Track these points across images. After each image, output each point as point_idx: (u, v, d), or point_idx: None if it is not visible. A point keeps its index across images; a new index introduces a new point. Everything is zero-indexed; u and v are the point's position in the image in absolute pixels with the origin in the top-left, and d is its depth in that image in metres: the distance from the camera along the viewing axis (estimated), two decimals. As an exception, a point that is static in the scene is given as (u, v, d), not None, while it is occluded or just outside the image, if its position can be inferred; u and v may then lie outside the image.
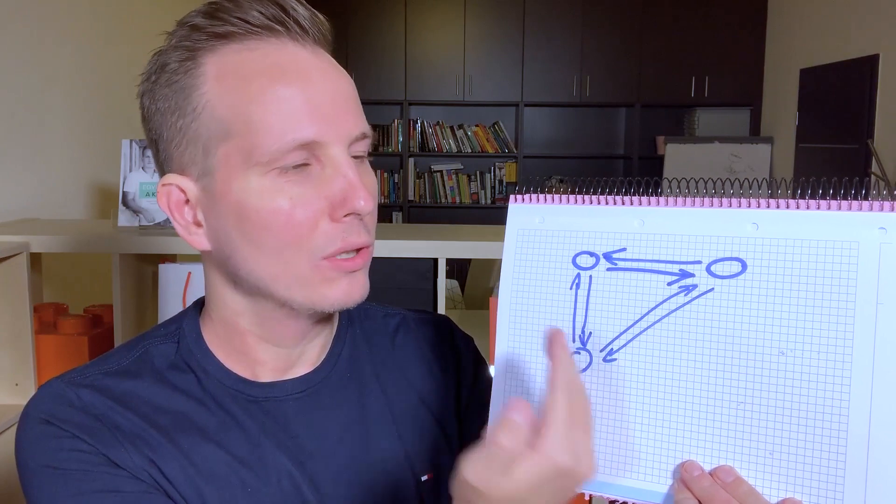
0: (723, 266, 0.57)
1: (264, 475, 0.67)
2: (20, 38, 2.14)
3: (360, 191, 0.62)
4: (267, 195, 0.62)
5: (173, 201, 0.66)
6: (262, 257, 0.63)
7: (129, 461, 0.63)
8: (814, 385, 0.54)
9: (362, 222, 0.65)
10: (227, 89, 0.62)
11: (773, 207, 0.56)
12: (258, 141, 0.61)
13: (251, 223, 0.62)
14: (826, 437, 0.53)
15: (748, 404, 0.56)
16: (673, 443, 0.58)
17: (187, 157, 0.64)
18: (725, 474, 0.55)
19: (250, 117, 0.61)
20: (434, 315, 0.85)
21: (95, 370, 0.69)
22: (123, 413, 0.65)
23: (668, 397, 0.58)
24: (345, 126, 0.63)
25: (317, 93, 0.62)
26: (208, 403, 0.68)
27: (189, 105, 0.63)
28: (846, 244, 0.54)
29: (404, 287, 1.85)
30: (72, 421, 0.64)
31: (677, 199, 0.60)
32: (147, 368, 0.69)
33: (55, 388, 0.66)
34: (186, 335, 0.72)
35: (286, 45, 0.63)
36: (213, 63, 0.63)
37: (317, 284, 0.64)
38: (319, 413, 0.71)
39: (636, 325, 0.59)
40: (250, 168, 0.62)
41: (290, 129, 0.61)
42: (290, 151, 0.61)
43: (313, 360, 0.73)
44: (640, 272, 0.60)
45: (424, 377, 0.78)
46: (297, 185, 0.62)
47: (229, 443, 0.67)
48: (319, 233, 0.63)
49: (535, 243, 0.64)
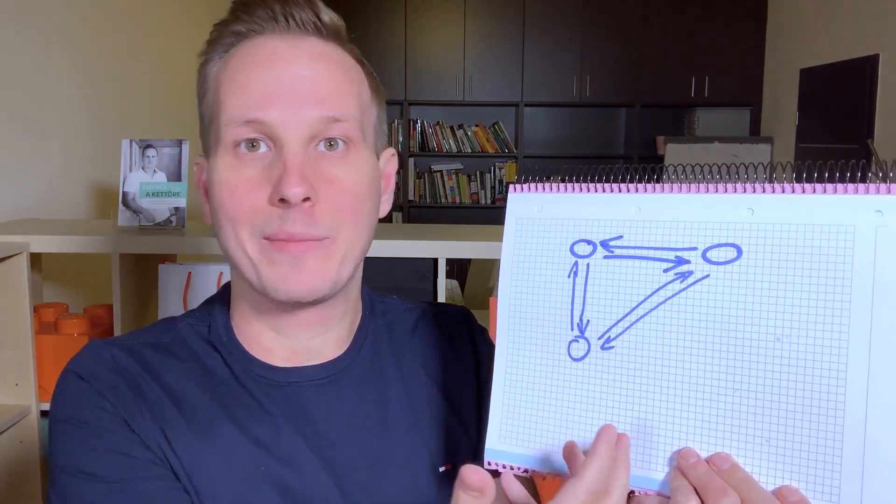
0: (718, 252, 0.57)
1: (280, 457, 0.68)
2: (20, 37, 2.14)
3: (292, 177, 0.63)
4: (223, 171, 0.67)
5: (201, 181, 0.74)
6: (222, 233, 0.68)
7: (144, 428, 0.66)
8: (810, 371, 0.53)
9: (304, 212, 0.64)
10: (218, 79, 0.69)
11: (769, 192, 0.56)
12: (221, 121, 0.67)
13: (214, 200, 0.68)
14: (822, 423, 0.53)
15: (744, 391, 0.55)
16: (669, 430, 0.57)
17: (204, 139, 0.72)
18: (721, 461, 0.55)
19: (221, 101, 0.67)
20: (453, 307, 0.87)
21: (136, 339, 0.73)
22: (150, 383, 0.69)
23: (665, 384, 0.58)
24: (303, 110, 0.65)
25: (280, 77, 0.66)
26: (234, 386, 0.71)
27: (201, 92, 0.71)
28: (842, 228, 0.53)
29: (404, 287, 1.85)
30: (102, 379, 0.68)
31: (673, 186, 0.59)
32: (183, 347, 0.73)
33: (95, 347, 0.71)
34: (217, 319, 0.75)
35: (269, 40, 0.68)
36: (224, 58, 0.70)
37: (264, 266, 0.66)
38: (340, 401, 0.72)
39: (633, 312, 0.59)
40: (217, 148, 0.68)
41: (242, 105, 0.66)
42: (237, 126, 0.65)
43: (335, 349, 0.75)
44: (637, 259, 0.59)
45: (443, 369, 0.79)
46: (250, 166, 0.66)
47: (251, 425, 0.69)
48: (259, 212, 0.65)
49: (534, 232, 0.64)
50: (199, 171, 0.74)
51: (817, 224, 0.54)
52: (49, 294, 2.16)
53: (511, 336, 0.64)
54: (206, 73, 0.71)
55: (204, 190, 0.73)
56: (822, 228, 0.54)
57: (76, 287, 2.31)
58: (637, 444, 0.58)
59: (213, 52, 0.70)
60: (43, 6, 2.25)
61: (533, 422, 0.62)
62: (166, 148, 1.88)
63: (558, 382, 0.62)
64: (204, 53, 0.71)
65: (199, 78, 0.71)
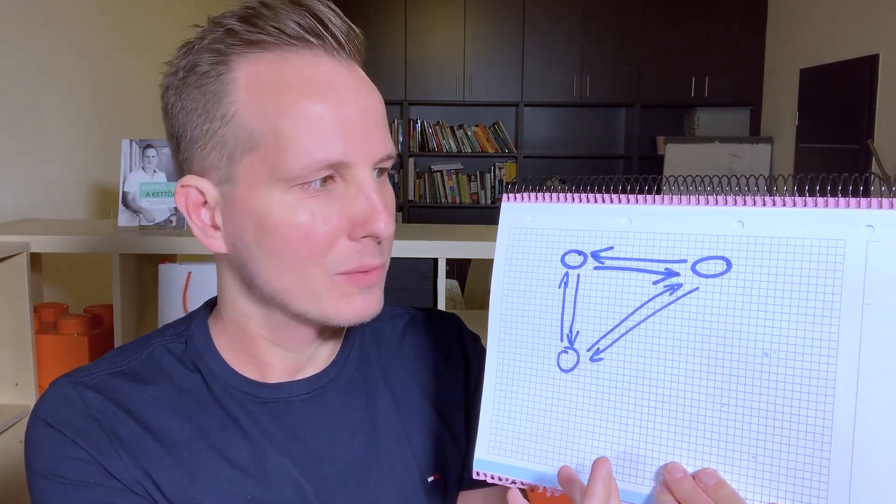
0: (708, 265, 0.56)
1: (265, 482, 0.67)
2: (20, 37, 2.14)
3: (382, 214, 0.63)
4: (288, 210, 0.61)
5: (191, 202, 0.66)
6: (278, 269, 0.63)
7: (124, 473, 0.64)
8: (798, 387, 0.53)
9: (379, 244, 0.65)
10: (258, 100, 0.61)
11: (760, 205, 0.55)
12: (285, 156, 0.60)
13: (270, 235, 0.62)
14: (810, 440, 0.52)
15: (731, 406, 0.55)
16: (656, 444, 0.57)
17: (210, 160, 0.64)
18: (708, 477, 0.55)
19: (280, 131, 0.60)
20: (443, 314, 0.85)
21: (103, 369, 0.69)
22: (124, 420, 0.66)
23: (652, 398, 0.57)
24: (372, 147, 0.63)
25: (348, 112, 0.62)
26: (212, 406, 0.68)
27: (218, 110, 0.62)
28: (832, 242, 0.52)
29: (404, 287, 1.85)
30: (73, 426, 0.64)
31: (664, 198, 0.59)
32: (154, 370, 0.69)
33: (61, 389, 0.67)
34: (195, 336, 0.71)
35: (320, 59, 0.62)
36: (246, 71, 0.62)
37: (333, 299, 0.64)
38: (327, 415, 0.71)
39: (622, 324, 0.59)
40: (274, 181, 0.61)
41: (319, 147, 0.60)
42: (316, 170, 0.61)
43: (323, 362, 0.73)
44: (627, 271, 0.59)
45: (433, 377, 0.78)
46: (319, 202, 0.62)
47: (230, 450, 0.67)
48: (337, 250, 0.63)
49: (526, 242, 0.64)
50: (193, 196, 0.65)
51: (808, 238, 0.53)
52: (49, 294, 2.16)
53: (501, 346, 0.64)
54: (223, 90, 0.62)
55: (211, 220, 0.66)
56: (813, 243, 0.53)
57: (76, 287, 2.31)
58: (624, 458, 0.58)
59: (229, 63, 0.62)
60: (43, 6, 2.25)
61: (522, 433, 0.62)
62: (166, 148, 1.88)
63: (548, 394, 0.61)
64: (216, 63, 0.62)
65: (206, 93, 0.63)
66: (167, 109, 0.66)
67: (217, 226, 0.66)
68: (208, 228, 0.66)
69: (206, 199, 0.65)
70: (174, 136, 0.66)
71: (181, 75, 0.64)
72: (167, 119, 0.66)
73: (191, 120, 0.64)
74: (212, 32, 0.63)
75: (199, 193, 0.65)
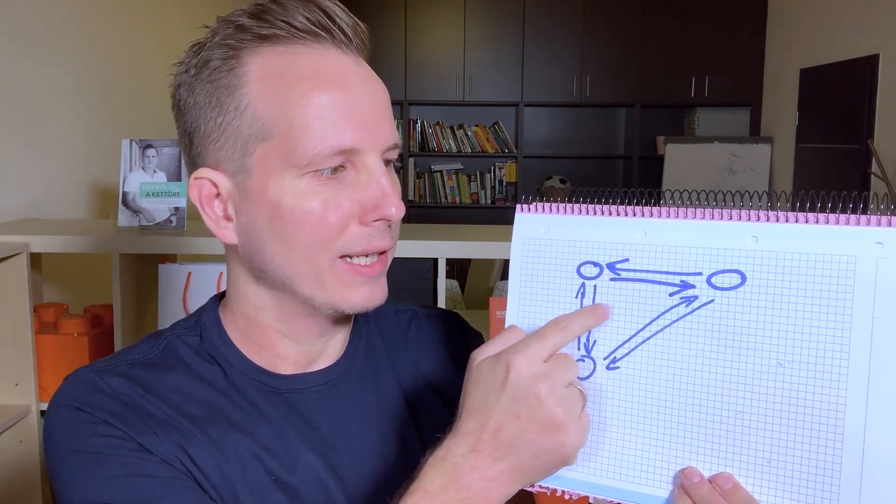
0: (723, 278, 0.58)
1: (290, 465, 0.68)
2: (20, 37, 2.14)
3: (393, 197, 0.65)
4: (301, 196, 0.64)
5: (204, 195, 0.68)
6: (289, 255, 0.65)
7: (160, 447, 0.64)
8: (810, 396, 0.55)
9: (389, 227, 0.67)
10: (271, 91, 0.63)
11: (773, 220, 0.57)
12: (298, 144, 0.63)
13: (284, 222, 0.64)
14: (822, 447, 0.54)
15: (746, 413, 0.57)
16: (673, 449, 0.59)
17: (224, 153, 0.66)
18: (724, 481, 0.57)
19: (293, 120, 0.63)
20: (443, 311, 0.87)
21: (122, 360, 0.69)
22: (153, 401, 0.66)
23: (669, 405, 0.59)
24: (381, 135, 0.66)
25: (357, 101, 0.64)
26: (233, 394, 0.70)
27: (231, 103, 0.64)
28: (844, 258, 0.55)
29: (404, 287, 1.85)
30: (103, 408, 0.64)
31: (679, 211, 0.61)
32: (173, 359, 0.70)
33: (84, 377, 0.67)
34: (208, 328, 0.73)
35: (330, 52, 0.65)
36: (258, 64, 0.64)
37: (335, 286, 0.66)
38: (340, 406, 0.72)
39: (639, 334, 0.60)
40: (287, 169, 0.63)
41: (331, 135, 0.63)
42: (329, 156, 0.63)
43: (334, 354, 0.75)
44: (643, 283, 0.61)
45: (438, 370, 0.80)
46: (330, 188, 0.64)
47: (256, 432, 0.68)
48: (348, 234, 0.65)
49: (541, 253, 0.65)
50: (206, 188, 0.67)
51: (820, 253, 0.55)
52: (49, 294, 2.16)
53: None
54: (235, 83, 0.64)
55: (224, 211, 0.68)
56: (825, 258, 0.55)
57: (76, 287, 2.31)
58: (641, 463, 0.60)
59: (240, 57, 0.64)
60: (43, 6, 2.25)
61: None
62: (166, 148, 1.88)
63: None
64: (228, 58, 0.64)
65: (219, 87, 0.65)
66: (179, 106, 0.68)
67: (230, 217, 0.68)
68: (221, 220, 0.68)
69: (219, 190, 0.67)
70: (187, 132, 0.68)
71: (193, 72, 0.66)
72: (179, 115, 0.68)
73: (204, 114, 0.66)
74: (223, 30, 0.66)
75: (212, 185, 0.67)
